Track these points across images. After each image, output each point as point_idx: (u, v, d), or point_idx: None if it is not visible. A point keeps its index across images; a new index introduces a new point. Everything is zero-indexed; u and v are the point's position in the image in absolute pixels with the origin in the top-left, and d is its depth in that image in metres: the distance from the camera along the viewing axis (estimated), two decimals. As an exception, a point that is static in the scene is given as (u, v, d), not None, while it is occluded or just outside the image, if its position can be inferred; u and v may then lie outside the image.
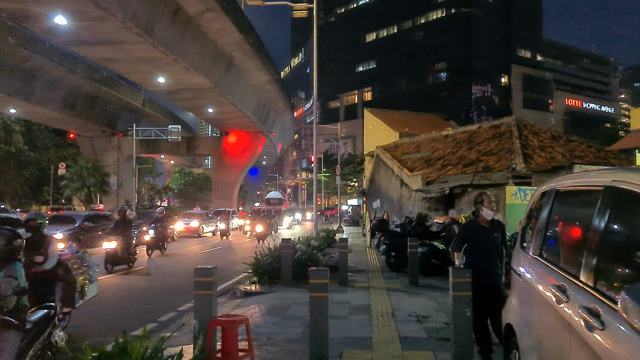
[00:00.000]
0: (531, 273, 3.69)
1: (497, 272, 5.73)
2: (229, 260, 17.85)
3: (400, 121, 40.25)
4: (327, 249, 19.50)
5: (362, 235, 32.29)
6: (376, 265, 15.69)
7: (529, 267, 3.79)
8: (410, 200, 22.65)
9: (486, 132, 24.29)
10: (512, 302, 4.18)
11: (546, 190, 3.95)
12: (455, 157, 22.94)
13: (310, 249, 13.83)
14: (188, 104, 43.40)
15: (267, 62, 41.70)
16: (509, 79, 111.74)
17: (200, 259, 18.66)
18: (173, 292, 11.27)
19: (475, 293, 5.50)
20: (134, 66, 30.81)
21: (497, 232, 5.84)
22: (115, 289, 11.65)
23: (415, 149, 28.27)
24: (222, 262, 17.51)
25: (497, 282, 5.69)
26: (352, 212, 53.50)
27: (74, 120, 48.74)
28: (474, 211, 5.89)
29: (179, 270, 15.11)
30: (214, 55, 33.91)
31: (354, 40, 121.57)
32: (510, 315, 4.09)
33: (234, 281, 13.06)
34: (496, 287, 5.66)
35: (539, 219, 3.87)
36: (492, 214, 5.77)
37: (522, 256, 4.13)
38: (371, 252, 20.71)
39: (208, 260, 18.12)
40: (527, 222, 4.40)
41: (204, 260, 17.91)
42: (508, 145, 20.75)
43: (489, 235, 5.76)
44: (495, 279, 5.69)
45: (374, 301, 9.43)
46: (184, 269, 14.99)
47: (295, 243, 13.53)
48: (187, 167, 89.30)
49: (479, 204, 5.80)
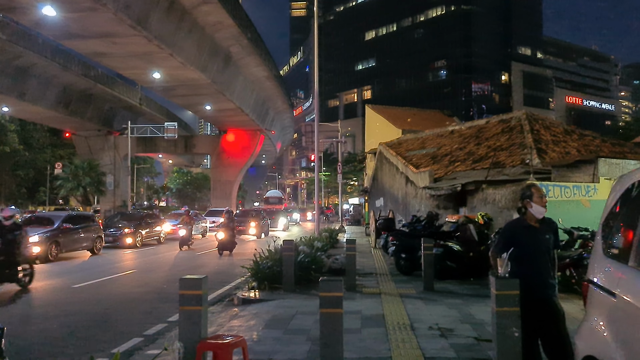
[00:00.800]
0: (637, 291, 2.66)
1: (550, 283, 4.66)
2: (227, 263, 16.87)
3: (403, 117, 39.27)
4: (330, 250, 18.51)
5: (365, 234, 31.28)
6: (384, 267, 14.67)
7: (632, 282, 2.74)
8: (417, 199, 21.61)
9: (495, 126, 23.27)
10: (593, 328, 3.15)
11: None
12: (463, 153, 21.92)
13: (314, 251, 12.80)
14: (185, 101, 42.34)
15: (266, 58, 40.68)
16: (509, 77, 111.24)
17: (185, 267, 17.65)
18: (163, 300, 10.23)
19: (524, 309, 4.45)
20: (128, 61, 29.75)
21: (549, 233, 4.74)
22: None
23: (420, 145, 27.24)
24: (222, 264, 16.50)
25: (550, 295, 4.62)
26: (353, 211, 52.60)
27: (69, 118, 47.67)
28: (519, 208, 4.79)
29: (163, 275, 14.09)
30: (211, 50, 32.87)
31: (354, 38, 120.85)
32: (593, 345, 3.06)
33: (231, 286, 12.03)
34: (549, 301, 4.60)
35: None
36: (544, 211, 4.69)
37: (613, 266, 3.09)
38: (377, 252, 19.69)
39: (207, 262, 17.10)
40: (610, 224, 3.35)
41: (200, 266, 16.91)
42: (519, 139, 19.76)
43: (539, 238, 4.68)
44: (548, 291, 4.63)
45: (388, 310, 8.40)
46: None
47: (298, 244, 12.51)
48: (185, 166, 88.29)
49: (526, 199, 4.70)
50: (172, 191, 75.91)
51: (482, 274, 11.87)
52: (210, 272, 14.76)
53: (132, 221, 22.82)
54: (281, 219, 35.81)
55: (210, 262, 17.40)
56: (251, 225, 29.67)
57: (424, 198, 20.60)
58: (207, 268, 15.82)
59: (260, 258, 11.36)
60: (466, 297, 9.54)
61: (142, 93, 55.71)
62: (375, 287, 10.91)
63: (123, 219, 23.49)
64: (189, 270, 15.37)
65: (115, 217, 24.87)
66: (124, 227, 21.75)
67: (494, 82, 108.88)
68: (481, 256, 11.83)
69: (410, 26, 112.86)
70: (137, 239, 22.18)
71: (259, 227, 29.86)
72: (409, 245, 12.71)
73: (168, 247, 22.82)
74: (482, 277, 11.84)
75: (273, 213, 38.43)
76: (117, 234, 21.52)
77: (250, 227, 29.59)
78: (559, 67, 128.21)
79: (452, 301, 9.14)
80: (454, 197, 17.10)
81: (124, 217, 24.35)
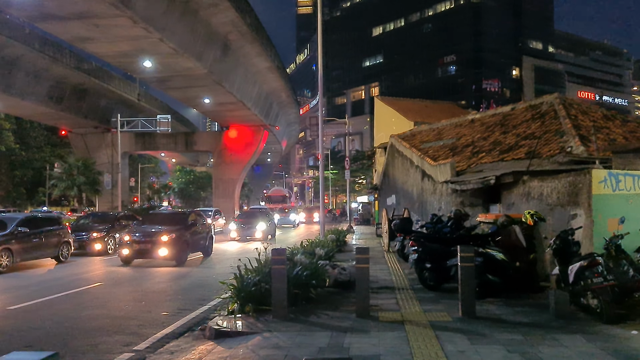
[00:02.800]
0: None
1: None
2: (215, 273, 14.31)
3: (415, 110, 36.62)
4: (336, 255, 15.95)
5: (375, 235, 28.67)
6: (402, 278, 12.02)
7: None
8: (435, 195, 18.97)
9: (523, 113, 20.60)
10: None
11: None
12: (487, 143, 19.27)
13: (316, 260, 10.17)
14: (182, 94, 39.75)
15: (268, 47, 38.03)
16: (520, 71, 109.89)
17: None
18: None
19: None
20: (114, 47, 27.13)
21: None
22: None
23: (437, 136, 24.57)
24: (208, 274, 13.93)
25: None
26: (362, 210, 50.13)
27: (62, 115, 45.36)
28: None
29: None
30: (207, 36, 30.27)
31: (360, 34, 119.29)
32: None
33: (211, 306, 9.44)
34: None
35: None
36: None
37: None
38: (391, 257, 17.07)
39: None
40: None
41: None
42: (555, 126, 17.10)
43: None
44: None
45: (419, 354, 5.76)
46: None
47: (295, 253, 9.91)
48: (190, 165, 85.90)
49: None
50: (174, 191, 73.43)
51: (532, 290, 9.23)
52: (191, 285, 12.21)
53: (104, 224, 20.09)
54: (260, 224, 26.86)
55: (193, 272, 14.83)
56: (258, 229, 26.43)
57: (444, 194, 17.97)
58: (188, 279, 13.26)
59: (246, 271, 8.78)
60: (525, 329, 6.89)
61: (140, 88, 53.42)
62: (395, 311, 8.27)
63: (94, 222, 20.70)
64: (165, 282, 12.81)
65: (86, 219, 21.93)
66: (93, 231, 18.97)
67: (505, 77, 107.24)
68: (530, 267, 9.21)
69: (419, 21, 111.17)
70: (109, 244, 19.40)
71: (265, 229, 26.72)
72: (435, 252, 10.09)
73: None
74: (529, 293, 9.22)
75: (289, 211, 35.50)
76: (84, 239, 18.78)
77: (256, 231, 26.26)
78: (570, 61, 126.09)
79: (508, 337, 6.47)
80: (483, 193, 14.45)
81: (95, 218, 21.51)
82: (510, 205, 12.12)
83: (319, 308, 8.48)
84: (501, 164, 15.89)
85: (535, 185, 10.97)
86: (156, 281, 12.96)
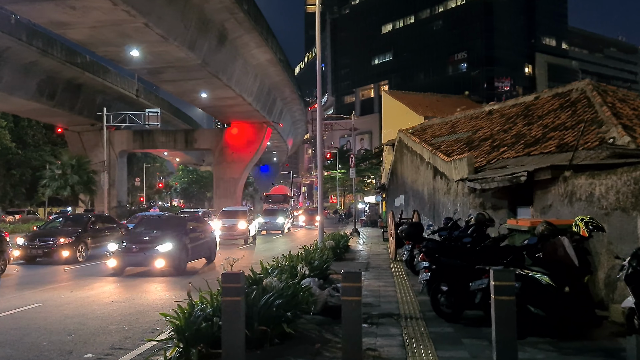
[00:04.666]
0: None
1: None
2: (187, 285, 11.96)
3: (425, 104, 34.18)
4: (334, 264, 13.61)
5: (382, 239, 26.28)
6: (411, 299, 9.62)
7: None
8: (449, 195, 16.56)
9: (549, 102, 18.16)
10: None
11: None
12: (509, 136, 16.84)
13: (297, 280, 7.78)
14: (177, 87, 37.50)
15: (269, 38, 35.69)
16: (533, 69, 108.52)
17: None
18: None
19: None
20: (97, 34, 24.89)
21: None
22: None
23: (450, 130, 22.12)
24: (182, 285, 11.61)
25: None
26: (369, 211, 47.78)
27: (56, 111, 43.40)
28: None
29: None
30: (200, 22, 27.99)
31: (370, 32, 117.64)
32: None
33: (152, 346, 7.04)
34: None
35: None
36: None
37: None
38: (398, 267, 14.67)
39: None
40: None
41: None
42: (590, 115, 14.65)
43: None
44: None
45: None
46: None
47: (263, 276, 7.56)
48: (194, 165, 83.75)
49: None
50: (175, 190, 71.31)
51: (588, 323, 6.81)
52: (152, 305, 9.91)
53: (76, 227, 17.75)
54: (241, 222, 25.54)
55: (173, 283, 12.52)
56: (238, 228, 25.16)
57: (459, 194, 15.56)
58: (154, 295, 10.97)
59: (200, 298, 6.43)
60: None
61: (139, 84, 51.33)
62: (400, 356, 5.89)
63: (66, 225, 18.35)
64: (123, 300, 10.49)
65: (57, 222, 19.49)
66: (61, 236, 16.63)
67: (517, 75, 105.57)
68: (584, 293, 6.78)
69: (429, 18, 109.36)
70: (79, 251, 17.03)
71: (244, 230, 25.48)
72: (454, 270, 7.69)
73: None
74: (584, 328, 6.79)
75: (275, 213, 33.12)
76: (50, 245, 16.42)
77: (237, 231, 25.20)
78: (584, 58, 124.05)
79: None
80: (508, 193, 12.04)
81: (67, 222, 19.04)
82: (546, 208, 9.70)
83: (295, 352, 6.14)
84: (528, 159, 13.48)
85: (582, 183, 8.53)
86: (113, 299, 10.67)
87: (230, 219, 26.03)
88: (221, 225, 25.50)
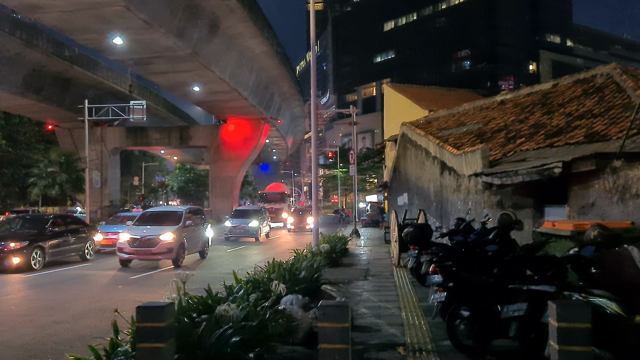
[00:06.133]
0: None
1: None
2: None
3: (429, 98, 32.31)
4: (328, 271, 11.79)
5: (384, 241, 24.41)
6: (419, 320, 7.73)
7: None
8: (460, 193, 14.68)
9: (569, 89, 16.32)
10: None
11: None
12: (526, 127, 14.99)
13: (270, 302, 5.88)
14: (167, 80, 35.61)
15: (265, 29, 33.78)
16: (537, 66, 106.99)
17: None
18: None
19: None
20: (74, 19, 22.98)
21: None
22: None
23: (458, 122, 20.22)
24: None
25: None
26: (371, 211, 46.00)
27: (44, 107, 41.67)
28: None
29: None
30: (188, 9, 26.11)
31: (372, 29, 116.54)
32: None
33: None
34: None
35: None
36: None
37: None
38: (401, 275, 12.77)
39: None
40: None
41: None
42: (620, 100, 12.85)
43: None
44: None
45: None
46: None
47: (224, 299, 5.68)
48: (193, 163, 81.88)
49: None
50: (172, 189, 69.45)
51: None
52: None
53: (31, 229, 15.69)
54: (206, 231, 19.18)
55: (140, 294, 10.68)
56: None
57: (471, 192, 13.68)
58: (110, 310, 9.14)
59: (131, 333, 4.57)
60: None
61: (132, 79, 49.49)
62: None
63: (21, 228, 16.16)
64: (68, 321, 8.63)
65: (12, 224, 16.92)
66: (12, 241, 14.54)
67: (521, 72, 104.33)
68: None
69: (432, 15, 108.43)
70: (34, 257, 14.88)
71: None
72: (478, 288, 5.80)
73: (94, 267, 15.99)
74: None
75: (247, 214, 27.72)
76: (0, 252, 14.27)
77: None
78: (589, 56, 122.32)
79: None
80: (533, 189, 10.15)
81: (23, 224, 16.66)
82: (586, 207, 7.83)
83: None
84: (551, 151, 11.62)
85: (637, 176, 6.66)
86: (57, 318, 8.83)
87: None
88: None
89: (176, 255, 15.63)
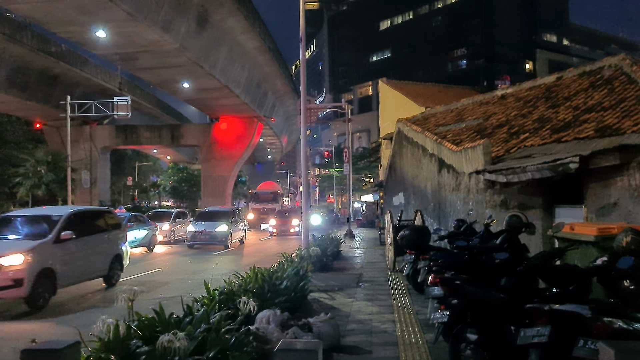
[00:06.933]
0: None
1: None
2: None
3: (426, 95, 31.38)
4: (318, 275, 10.79)
5: (379, 243, 23.42)
6: (417, 340, 6.71)
7: None
8: (459, 192, 13.71)
9: (575, 82, 15.38)
10: None
11: None
12: (529, 121, 14.05)
13: (237, 322, 4.86)
14: (155, 76, 34.51)
15: (256, 23, 32.73)
16: (533, 65, 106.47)
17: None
18: None
19: None
20: (52, 10, 21.80)
21: None
22: None
23: (456, 117, 19.28)
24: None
25: None
26: (366, 211, 45.06)
27: (30, 105, 40.44)
28: None
29: None
30: (175, 1, 25.03)
31: (367, 28, 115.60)
32: None
33: None
34: None
35: None
36: None
37: None
38: (397, 282, 11.78)
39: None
40: None
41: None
42: (633, 92, 11.91)
43: None
44: None
45: None
46: None
47: (167, 323, 4.63)
48: (187, 163, 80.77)
49: None
50: (164, 190, 68.32)
51: None
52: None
53: None
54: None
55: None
56: None
57: (472, 191, 12.70)
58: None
59: None
60: None
61: (122, 77, 48.37)
62: None
63: None
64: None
65: None
66: None
67: (518, 71, 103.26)
68: None
69: (428, 14, 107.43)
70: None
71: None
72: (487, 308, 4.80)
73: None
74: None
75: (214, 217, 24.09)
76: None
77: None
78: (586, 55, 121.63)
79: None
80: (542, 188, 9.17)
81: None
82: (607, 207, 6.85)
83: None
84: (559, 146, 10.62)
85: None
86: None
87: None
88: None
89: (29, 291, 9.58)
